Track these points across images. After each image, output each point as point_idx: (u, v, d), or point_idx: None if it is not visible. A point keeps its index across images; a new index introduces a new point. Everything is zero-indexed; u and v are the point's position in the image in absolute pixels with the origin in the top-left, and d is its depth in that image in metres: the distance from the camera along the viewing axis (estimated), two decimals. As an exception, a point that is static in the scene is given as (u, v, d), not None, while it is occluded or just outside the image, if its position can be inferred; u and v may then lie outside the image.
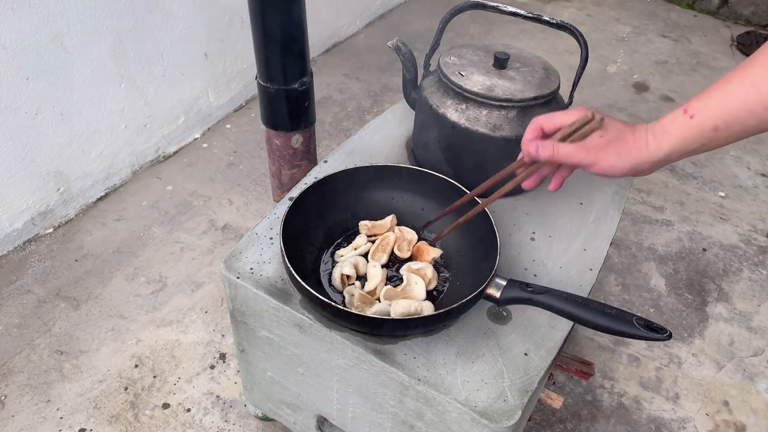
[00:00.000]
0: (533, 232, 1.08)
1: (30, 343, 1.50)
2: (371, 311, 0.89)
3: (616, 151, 0.74)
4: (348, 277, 0.96)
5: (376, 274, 0.95)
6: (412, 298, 0.92)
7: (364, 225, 1.04)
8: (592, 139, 0.75)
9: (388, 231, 1.03)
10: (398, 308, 0.88)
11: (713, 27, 3.25)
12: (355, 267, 0.97)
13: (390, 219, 1.04)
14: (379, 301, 0.93)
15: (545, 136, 0.79)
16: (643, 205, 2.05)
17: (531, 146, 0.77)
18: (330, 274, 0.98)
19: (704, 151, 0.74)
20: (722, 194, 2.13)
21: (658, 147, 0.73)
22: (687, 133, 0.72)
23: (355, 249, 1.01)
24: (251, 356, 1.10)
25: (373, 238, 1.03)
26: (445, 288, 0.98)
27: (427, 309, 0.90)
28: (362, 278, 0.98)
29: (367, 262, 0.99)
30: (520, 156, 0.82)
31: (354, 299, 0.91)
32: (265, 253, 0.99)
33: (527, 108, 1.05)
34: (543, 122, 0.78)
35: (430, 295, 0.96)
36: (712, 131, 0.71)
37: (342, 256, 1.00)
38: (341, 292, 0.95)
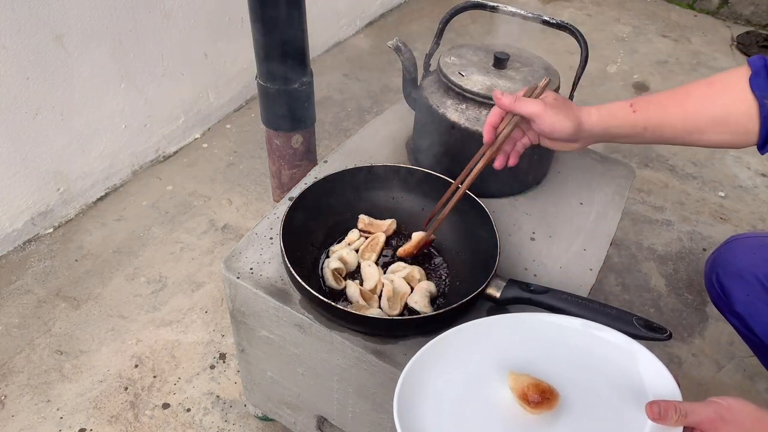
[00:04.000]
0: (533, 232, 1.08)
1: (30, 343, 1.50)
2: (369, 312, 0.89)
3: (565, 112, 0.86)
4: (339, 271, 0.96)
5: (373, 273, 0.96)
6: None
7: (362, 219, 1.04)
8: (548, 96, 0.88)
9: (384, 232, 1.03)
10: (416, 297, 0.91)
11: (713, 27, 3.25)
12: (343, 260, 0.97)
13: (389, 223, 1.04)
14: (380, 300, 0.93)
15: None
16: (643, 205, 2.05)
17: (498, 93, 0.88)
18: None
19: (628, 142, 0.91)
20: (722, 194, 2.13)
21: (599, 122, 0.87)
22: (624, 122, 0.87)
23: (349, 244, 1.01)
24: (251, 356, 1.10)
25: (366, 235, 1.03)
26: (446, 288, 0.98)
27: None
28: (355, 274, 0.99)
29: (359, 256, 0.99)
30: (485, 141, 0.92)
31: (354, 296, 0.92)
32: (265, 253, 0.99)
33: (527, 108, 1.05)
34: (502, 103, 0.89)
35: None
36: (642, 129, 0.87)
37: (336, 252, 1.00)
38: (339, 290, 0.95)
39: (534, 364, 0.73)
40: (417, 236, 1.00)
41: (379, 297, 0.94)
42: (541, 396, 0.67)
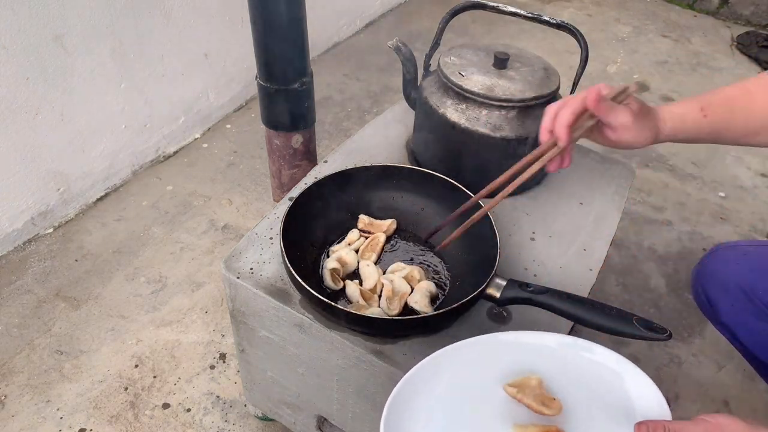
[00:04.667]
0: (533, 232, 1.08)
1: (30, 343, 1.50)
2: (369, 312, 0.89)
3: (647, 124, 0.81)
4: (336, 271, 0.96)
5: (371, 273, 0.96)
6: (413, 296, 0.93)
7: (362, 219, 1.04)
8: (632, 103, 0.81)
9: (384, 232, 1.03)
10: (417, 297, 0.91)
11: (713, 27, 3.25)
12: (342, 261, 0.97)
13: (389, 223, 1.04)
14: (379, 299, 0.93)
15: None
16: (643, 205, 2.05)
17: (592, 93, 0.78)
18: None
19: (688, 141, 0.87)
20: (722, 194, 2.13)
21: (672, 130, 0.83)
22: (695, 126, 0.83)
23: (349, 245, 1.01)
24: (251, 356, 1.10)
25: (366, 235, 1.03)
26: (446, 288, 0.98)
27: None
28: (354, 274, 0.99)
29: (358, 257, 0.99)
30: (544, 138, 0.83)
31: (354, 296, 0.92)
32: (265, 253, 0.99)
33: (527, 108, 1.05)
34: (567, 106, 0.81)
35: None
36: (706, 133, 0.84)
37: (335, 251, 1.00)
38: (337, 290, 0.95)
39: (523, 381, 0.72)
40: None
41: (379, 297, 0.94)
42: None
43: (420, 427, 0.67)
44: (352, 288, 0.93)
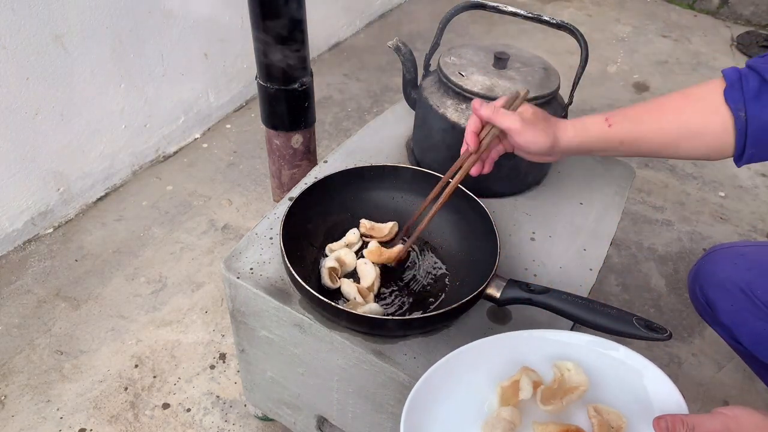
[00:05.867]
0: (533, 232, 1.08)
1: (30, 343, 1.50)
2: (362, 310, 0.89)
3: (542, 128, 0.87)
4: (334, 270, 0.96)
5: (369, 272, 0.96)
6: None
7: (364, 224, 1.04)
8: (526, 110, 0.88)
9: (385, 236, 1.03)
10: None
11: (713, 27, 3.25)
12: (340, 260, 0.97)
13: (390, 226, 1.04)
14: (376, 298, 0.93)
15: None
16: (643, 205, 2.05)
17: (477, 103, 0.89)
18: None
19: (605, 154, 0.91)
20: (722, 194, 2.13)
21: (575, 137, 0.88)
22: (600, 136, 0.87)
23: (347, 246, 1.01)
24: (251, 356, 1.10)
25: (368, 239, 1.03)
26: (446, 288, 0.98)
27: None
28: (351, 275, 0.99)
29: (356, 258, 0.99)
30: (463, 149, 0.93)
31: (352, 293, 0.92)
32: (265, 253, 0.99)
33: (527, 108, 1.05)
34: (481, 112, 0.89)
35: (427, 294, 0.96)
36: (617, 143, 0.87)
37: (333, 250, 1.00)
38: (334, 289, 0.95)
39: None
40: (396, 249, 0.99)
41: (376, 295, 0.94)
42: None
43: (438, 425, 0.68)
44: (348, 285, 0.93)
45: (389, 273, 0.99)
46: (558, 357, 0.75)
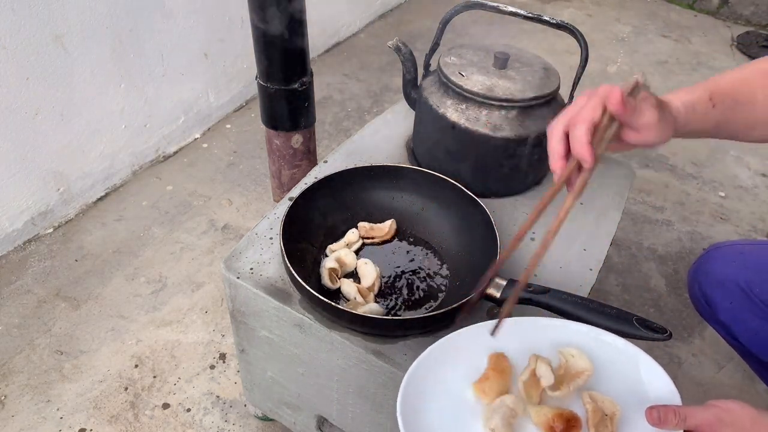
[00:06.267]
0: (533, 232, 1.08)
1: (30, 343, 1.50)
2: (362, 310, 0.89)
3: (667, 117, 0.71)
4: (335, 271, 0.96)
5: (369, 271, 0.96)
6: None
7: (363, 226, 1.04)
8: (649, 98, 0.70)
9: (385, 235, 1.03)
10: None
11: (713, 27, 3.25)
12: (340, 261, 0.97)
13: (389, 224, 1.04)
14: (376, 298, 0.93)
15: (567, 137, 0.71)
16: (643, 205, 2.05)
17: (616, 95, 0.66)
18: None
19: (690, 136, 0.78)
20: (722, 194, 2.13)
21: (685, 122, 0.74)
22: (702, 118, 0.76)
23: (347, 246, 1.01)
24: (251, 356, 1.10)
25: (368, 240, 1.03)
26: (446, 288, 0.98)
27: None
28: (351, 275, 0.99)
29: (357, 258, 0.99)
30: (568, 165, 0.71)
31: (352, 292, 0.92)
32: (265, 253, 0.99)
33: (527, 108, 1.05)
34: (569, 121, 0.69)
35: (427, 294, 0.96)
36: (711, 126, 0.77)
37: (334, 251, 1.00)
38: (334, 289, 0.95)
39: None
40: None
41: (376, 295, 0.94)
42: (566, 424, 0.67)
43: (434, 410, 0.69)
44: (349, 285, 0.93)
45: (389, 273, 0.99)
46: (559, 344, 0.75)
